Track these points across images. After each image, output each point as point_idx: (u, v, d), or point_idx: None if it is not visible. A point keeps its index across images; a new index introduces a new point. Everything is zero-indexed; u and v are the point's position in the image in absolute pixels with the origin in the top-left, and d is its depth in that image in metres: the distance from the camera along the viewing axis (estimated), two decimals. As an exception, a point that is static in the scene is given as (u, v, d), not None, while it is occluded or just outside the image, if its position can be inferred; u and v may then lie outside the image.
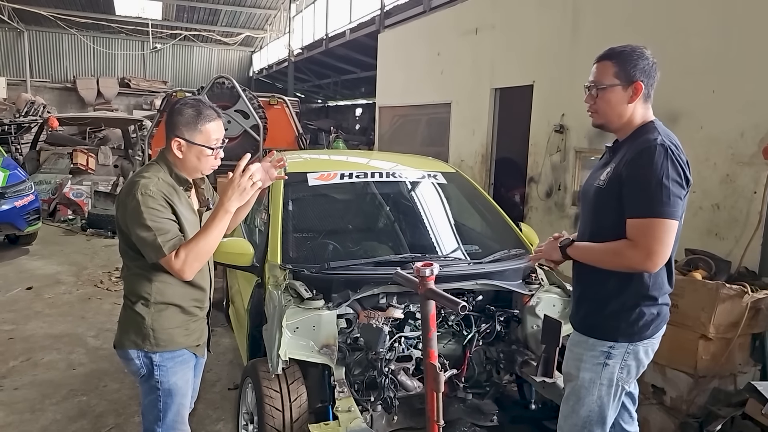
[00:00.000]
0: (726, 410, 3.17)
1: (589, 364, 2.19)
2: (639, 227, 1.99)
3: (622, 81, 2.10)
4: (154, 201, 2.08)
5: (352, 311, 2.91)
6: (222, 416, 3.74)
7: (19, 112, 16.33)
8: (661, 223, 1.96)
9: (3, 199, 7.32)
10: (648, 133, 2.08)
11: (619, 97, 2.12)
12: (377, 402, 2.82)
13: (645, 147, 2.03)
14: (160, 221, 2.08)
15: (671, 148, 2.00)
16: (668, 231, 1.97)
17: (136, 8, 23.76)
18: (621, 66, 2.10)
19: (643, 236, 1.98)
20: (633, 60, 2.10)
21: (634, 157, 2.04)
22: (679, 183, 1.98)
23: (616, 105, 2.13)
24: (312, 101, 26.70)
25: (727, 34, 4.28)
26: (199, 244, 2.09)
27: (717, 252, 3.89)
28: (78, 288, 6.45)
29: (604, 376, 2.17)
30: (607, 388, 2.18)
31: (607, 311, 2.17)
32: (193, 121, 2.16)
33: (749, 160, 4.07)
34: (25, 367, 4.42)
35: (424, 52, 9.25)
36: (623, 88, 2.10)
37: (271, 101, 9.43)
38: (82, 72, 24.80)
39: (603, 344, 2.17)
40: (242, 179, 2.09)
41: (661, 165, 1.97)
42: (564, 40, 6.07)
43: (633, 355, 2.16)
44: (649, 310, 2.13)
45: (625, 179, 2.05)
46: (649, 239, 1.97)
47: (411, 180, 3.96)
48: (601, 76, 2.14)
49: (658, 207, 1.96)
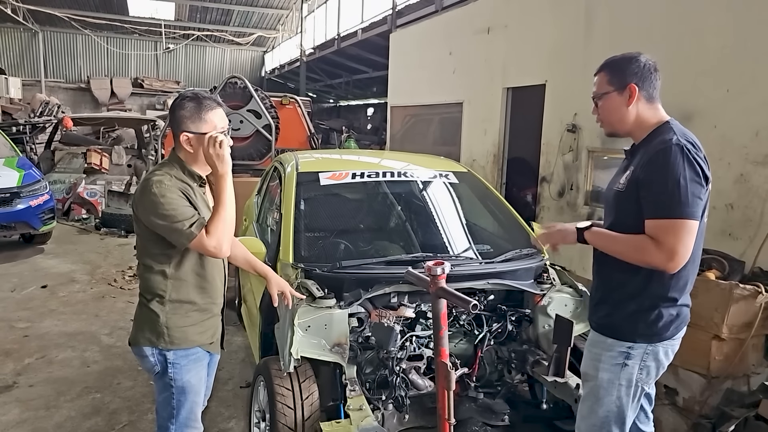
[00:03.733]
0: (739, 411, 3.15)
1: (608, 364, 2.19)
2: (660, 228, 1.99)
3: (616, 87, 2.18)
4: (170, 191, 2.10)
5: (363, 310, 2.92)
6: (234, 414, 3.77)
7: (34, 113, 16.51)
8: (681, 223, 1.96)
9: (18, 199, 7.42)
10: (663, 134, 2.10)
11: (615, 102, 2.19)
12: (388, 401, 2.83)
13: (661, 148, 2.04)
14: (181, 208, 2.10)
15: (687, 147, 2.00)
16: (689, 231, 1.97)
17: (150, 9, 23.94)
18: (613, 73, 2.19)
19: (665, 236, 1.98)
20: (623, 65, 2.18)
21: (651, 159, 2.05)
22: (698, 182, 1.98)
23: (615, 111, 2.20)
24: (324, 101, 26.75)
25: (741, 32, 4.25)
26: (221, 216, 2.12)
27: (730, 252, 3.87)
28: (92, 286, 6.51)
29: (623, 376, 2.17)
30: (627, 389, 2.18)
31: (627, 312, 2.17)
32: (196, 113, 2.18)
33: (763, 160, 4.04)
34: (40, 364, 4.48)
35: (436, 52, 9.24)
36: (618, 93, 2.18)
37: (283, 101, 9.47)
38: (96, 72, 25.03)
39: (622, 345, 2.17)
40: (210, 148, 2.12)
41: (678, 165, 1.98)
42: (577, 39, 6.04)
43: (653, 356, 2.16)
44: (668, 311, 2.13)
45: (643, 181, 2.05)
46: (671, 239, 1.97)
47: (422, 179, 3.97)
48: (598, 87, 2.25)
49: (677, 207, 1.97)
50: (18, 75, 22.18)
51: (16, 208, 7.38)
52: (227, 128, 2.27)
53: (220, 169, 2.12)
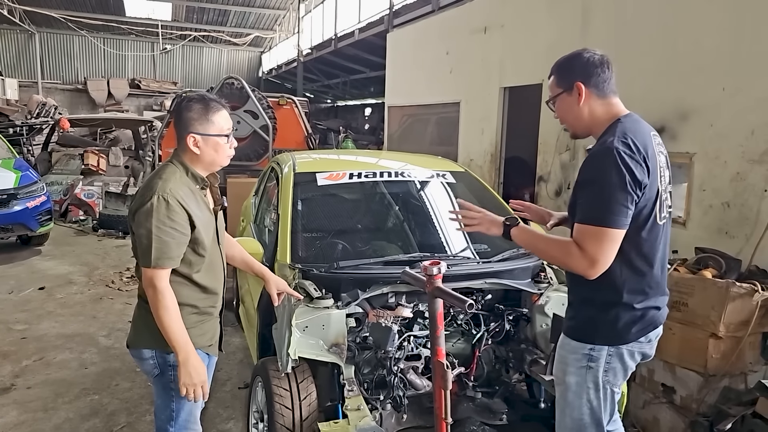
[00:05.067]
0: (736, 409, 3.16)
1: (574, 367, 2.15)
2: (582, 232, 1.96)
3: (564, 87, 2.16)
4: (168, 210, 2.08)
5: (361, 310, 2.92)
6: (232, 415, 3.77)
7: (31, 114, 16.46)
8: (602, 232, 1.92)
9: (15, 200, 7.41)
10: (607, 134, 2.05)
11: (567, 103, 2.17)
12: (386, 400, 2.83)
13: (594, 151, 2.02)
14: (165, 231, 2.08)
15: (620, 150, 1.93)
16: (611, 240, 1.92)
17: (146, 10, 23.90)
18: (559, 74, 2.19)
19: (585, 242, 1.94)
20: (567, 65, 2.18)
21: (585, 162, 2.04)
22: (625, 189, 1.91)
23: (568, 111, 2.19)
24: (321, 101, 26.74)
25: (738, 31, 4.26)
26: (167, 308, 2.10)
27: (727, 250, 3.87)
28: (89, 288, 6.50)
29: (589, 379, 2.12)
30: (595, 392, 2.13)
31: (586, 314, 2.14)
32: (204, 114, 2.19)
33: (760, 158, 4.05)
34: (38, 366, 4.47)
35: (433, 52, 9.24)
36: (568, 94, 2.16)
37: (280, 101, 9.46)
38: (93, 73, 24.99)
39: (584, 347, 2.12)
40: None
41: (604, 171, 1.93)
42: (573, 38, 6.05)
43: (617, 357, 2.10)
44: (627, 314, 2.07)
45: (577, 184, 2.05)
46: (591, 246, 1.93)
47: (420, 179, 3.97)
48: (550, 90, 2.24)
49: (598, 214, 1.93)
50: (15, 76, 22.19)
51: (13, 210, 7.37)
52: (232, 129, 2.28)
53: (184, 361, 2.12)
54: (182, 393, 2.16)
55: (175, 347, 2.12)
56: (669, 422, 3.44)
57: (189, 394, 2.16)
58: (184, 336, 2.13)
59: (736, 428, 3.09)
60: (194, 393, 2.16)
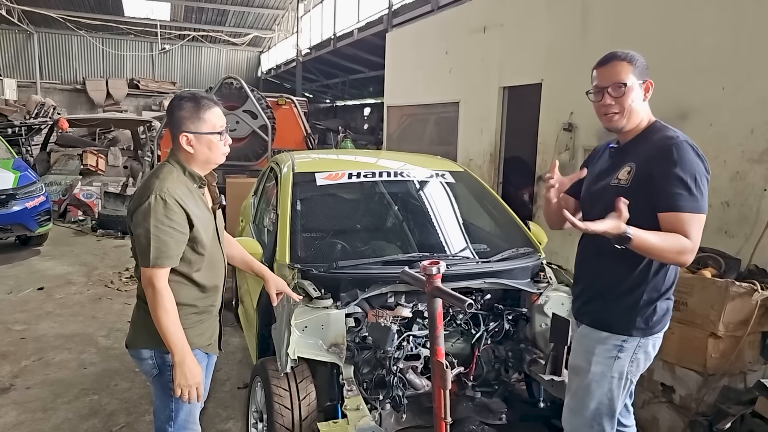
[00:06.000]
0: (735, 408, 3.16)
1: (601, 357, 2.22)
2: (683, 222, 2.00)
3: (639, 79, 2.16)
4: (165, 209, 2.08)
5: (360, 310, 2.92)
6: (232, 415, 3.77)
7: (30, 114, 16.44)
8: (698, 218, 2.02)
9: (14, 201, 7.40)
10: (662, 131, 2.15)
11: (635, 94, 2.17)
12: (386, 400, 2.83)
13: (671, 144, 2.07)
14: (164, 231, 2.08)
15: (694, 145, 2.07)
16: (702, 225, 2.03)
17: (145, 9, 23.86)
18: (636, 66, 2.16)
19: (691, 231, 2.00)
20: (641, 62, 2.19)
21: (664, 155, 2.06)
22: (708, 178, 2.06)
23: (638, 103, 2.17)
24: (320, 101, 26.72)
25: (737, 30, 4.26)
26: (165, 308, 2.10)
27: (726, 250, 3.87)
28: (89, 288, 6.50)
29: (615, 369, 2.20)
30: (618, 381, 2.22)
31: (623, 306, 2.19)
32: (195, 113, 2.18)
33: (759, 158, 4.05)
34: (37, 366, 4.47)
35: (433, 51, 9.24)
36: (640, 86, 2.17)
37: (279, 101, 9.47)
38: (92, 73, 24.95)
39: (617, 338, 2.20)
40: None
41: (693, 161, 2.04)
42: (573, 38, 6.05)
43: (643, 348, 2.21)
44: (662, 305, 2.19)
45: (658, 176, 2.05)
46: (696, 234, 2.01)
47: (419, 179, 3.97)
48: (621, 75, 2.14)
49: (693, 203, 2.01)
50: (13, 76, 22.16)
51: (12, 210, 7.36)
52: (225, 127, 2.27)
53: (180, 361, 2.13)
54: (176, 394, 2.16)
55: (171, 348, 2.12)
56: (668, 422, 3.43)
57: (184, 395, 2.16)
58: (180, 337, 2.13)
59: (735, 427, 3.09)
60: (189, 394, 2.17)
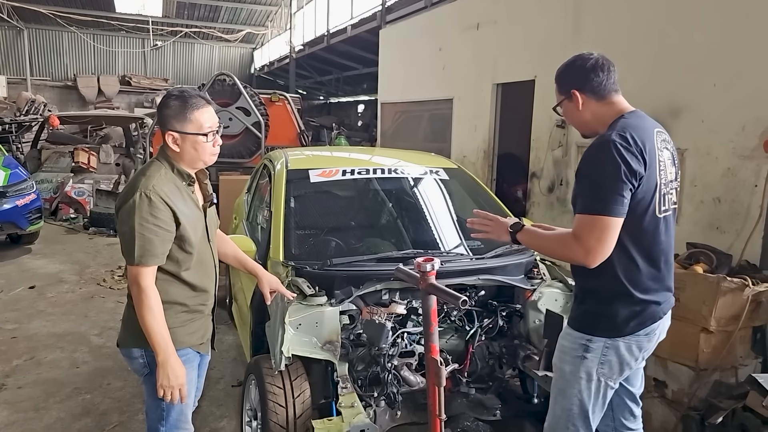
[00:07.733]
0: (727, 403, 3.18)
1: (570, 356, 2.20)
2: (579, 222, 2.02)
3: (564, 95, 2.23)
4: (150, 207, 2.06)
5: (354, 307, 2.92)
6: (226, 413, 3.76)
7: (20, 111, 16.31)
8: (598, 220, 1.96)
9: (4, 199, 7.34)
10: (608, 129, 2.10)
11: (569, 109, 2.24)
12: (380, 397, 2.83)
13: (591, 144, 2.08)
14: (148, 228, 2.06)
15: (617, 143, 1.97)
16: (607, 228, 1.96)
17: (136, 5, 23.72)
18: (559, 83, 2.25)
19: (582, 232, 1.99)
20: (564, 74, 2.24)
21: (583, 155, 2.09)
22: (621, 179, 1.95)
23: (572, 116, 2.26)
24: (314, 98, 26.65)
25: (729, 27, 4.27)
26: (150, 307, 2.08)
27: (718, 245, 3.89)
28: (81, 287, 6.47)
29: (583, 369, 2.16)
30: (587, 383, 2.17)
31: (587, 306, 2.19)
32: (181, 112, 2.14)
33: (750, 154, 4.07)
34: (29, 365, 4.44)
35: (426, 48, 9.24)
36: (568, 101, 2.22)
37: (272, 98, 9.44)
38: (83, 70, 24.75)
39: (582, 337, 2.17)
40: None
41: (601, 161, 1.99)
42: (566, 34, 6.06)
43: (613, 350, 2.13)
44: (627, 307, 2.11)
45: (576, 176, 2.09)
46: (587, 235, 1.98)
47: (413, 176, 3.97)
48: (556, 98, 2.29)
49: (594, 204, 1.98)
50: (3, 73, 21.95)
51: (3, 208, 7.29)
52: (218, 127, 2.23)
53: (164, 361, 2.11)
54: (159, 394, 2.14)
55: (155, 347, 2.10)
56: (661, 416, 3.46)
57: (167, 395, 2.14)
58: (165, 337, 2.11)
59: (726, 422, 3.11)
60: (172, 395, 2.15)
